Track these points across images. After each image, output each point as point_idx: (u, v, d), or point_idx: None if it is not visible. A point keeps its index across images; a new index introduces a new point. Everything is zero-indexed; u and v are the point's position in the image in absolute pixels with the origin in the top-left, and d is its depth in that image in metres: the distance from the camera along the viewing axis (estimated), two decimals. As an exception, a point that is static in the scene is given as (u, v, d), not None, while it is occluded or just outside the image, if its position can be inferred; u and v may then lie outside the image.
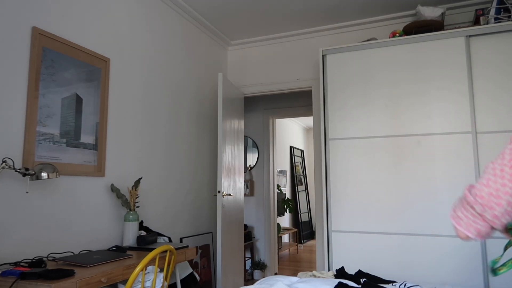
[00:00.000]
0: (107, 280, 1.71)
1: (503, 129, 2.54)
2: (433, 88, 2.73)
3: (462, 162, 2.60)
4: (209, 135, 3.84)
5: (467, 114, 2.63)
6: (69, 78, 2.22)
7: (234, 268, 3.49)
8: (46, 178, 1.85)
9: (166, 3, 3.16)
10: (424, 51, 2.79)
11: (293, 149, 8.02)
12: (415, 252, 2.64)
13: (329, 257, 2.88)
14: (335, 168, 2.96)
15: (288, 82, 3.97)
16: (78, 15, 2.33)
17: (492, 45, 2.63)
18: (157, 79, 3.05)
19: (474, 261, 2.50)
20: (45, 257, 1.98)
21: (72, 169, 2.20)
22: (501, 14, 2.70)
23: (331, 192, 2.94)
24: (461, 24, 3.26)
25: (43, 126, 2.04)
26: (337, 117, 2.99)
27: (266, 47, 4.13)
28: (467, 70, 2.65)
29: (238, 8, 3.44)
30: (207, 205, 3.73)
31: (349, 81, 2.99)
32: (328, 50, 3.08)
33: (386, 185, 2.78)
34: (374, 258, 2.74)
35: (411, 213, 2.69)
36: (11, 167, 1.77)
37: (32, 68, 1.99)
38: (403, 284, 1.85)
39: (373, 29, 3.65)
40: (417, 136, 2.74)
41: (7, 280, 1.54)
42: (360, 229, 2.82)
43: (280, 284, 1.72)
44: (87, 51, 2.35)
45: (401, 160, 2.76)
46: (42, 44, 2.06)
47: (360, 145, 2.89)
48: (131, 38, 2.78)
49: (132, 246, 2.37)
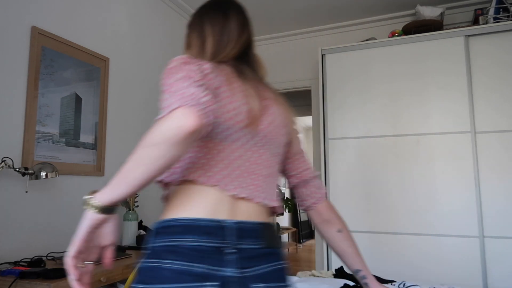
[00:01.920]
0: (106, 280, 1.71)
1: (503, 129, 2.54)
2: (432, 88, 2.74)
3: (461, 161, 2.60)
4: (208, 134, 3.83)
5: (466, 114, 2.63)
6: (68, 78, 2.21)
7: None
8: (45, 177, 1.85)
9: (165, 2, 3.16)
10: (423, 51, 2.79)
11: (292, 149, 8.01)
12: (414, 252, 2.65)
13: (328, 256, 2.88)
14: (334, 167, 2.96)
15: (287, 82, 3.97)
16: (78, 15, 2.33)
17: (491, 45, 2.63)
18: (157, 79, 3.05)
19: (473, 261, 2.50)
20: (45, 257, 1.98)
21: (72, 168, 2.20)
22: (500, 14, 2.71)
23: (330, 192, 2.94)
24: (460, 24, 3.26)
25: (42, 126, 2.04)
26: (336, 117, 2.99)
27: (265, 47, 4.13)
28: (466, 70, 2.66)
29: (238, 8, 3.44)
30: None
31: (348, 81, 2.99)
32: (327, 50, 3.08)
33: (385, 184, 2.78)
34: (373, 258, 2.75)
35: (410, 212, 2.69)
36: (10, 167, 1.77)
37: (31, 67, 1.99)
38: (402, 284, 1.86)
39: (372, 28, 3.65)
40: (416, 136, 2.74)
41: (6, 279, 1.54)
42: (359, 228, 2.82)
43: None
44: (87, 50, 2.35)
45: (400, 159, 2.77)
46: (41, 44, 2.06)
47: (359, 144, 2.90)
48: (131, 38, 2.78)
49: (131, 245, 2.37)
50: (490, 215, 2.51)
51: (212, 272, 0.73)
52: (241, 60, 0.97)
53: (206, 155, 0.83)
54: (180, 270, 0.72)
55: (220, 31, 0.95)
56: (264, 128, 0.90)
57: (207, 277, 0.72)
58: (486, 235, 2.50)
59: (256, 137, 0.88)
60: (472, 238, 2.52)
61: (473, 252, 2.51)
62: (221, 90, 0.85)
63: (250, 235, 0.81)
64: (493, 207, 2.51)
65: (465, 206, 2.56)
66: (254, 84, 0.93)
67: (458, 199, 2.58)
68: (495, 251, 2.47)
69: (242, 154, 0.86)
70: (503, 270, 2.44)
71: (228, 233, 0.78)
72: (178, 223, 0.77)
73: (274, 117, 0.93)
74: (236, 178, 0.84)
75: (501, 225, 2.47)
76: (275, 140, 0.93)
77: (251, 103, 0.88)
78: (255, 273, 0.78)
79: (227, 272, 0.74)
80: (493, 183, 2.52)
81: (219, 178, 0.82)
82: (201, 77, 0.80)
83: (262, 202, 0.86)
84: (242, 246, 0.79)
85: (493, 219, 2.50)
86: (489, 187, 2.53)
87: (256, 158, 0.88)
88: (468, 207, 2.55)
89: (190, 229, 0.76)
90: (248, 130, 0.86)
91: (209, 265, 0.73)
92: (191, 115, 0.68)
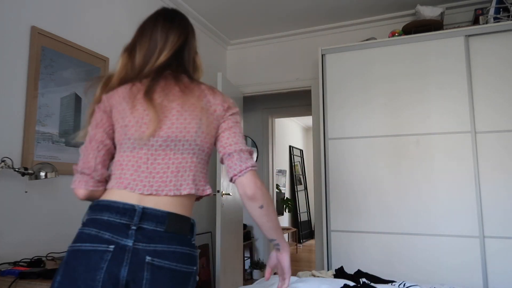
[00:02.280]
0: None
1: (503, 129, 2.54)
2: (432, 88, 2.74)
3: (461, 161, 2.60)
4: (208, 134, 3.83)
5: (466, 114, 2.63)
6: (68, 78, 2.21)
7: (233, 268, 3.49)
8: (45, 177, 1.84)
9: (165, 2, 3.16)
10: (423, 50, 2.79)
11: (293, 149, 8.02)
12: (414, 252, 2.64)
13: (328, 256, 2.88)
14: (334, 167, 2.96)
15: (287, 82, 3.97)
16: (77, 15, 2.33)
17: (491, 45, 2.63)
18: (156, 79, 3.04)
19: (473, 261, 2.50)
20: (44, 257, 1.98)
21: (71, 168, 2.19)
22: (501, 13, 2.70)
23: (330, 192, 2.94)
24: (460, 24, 3.26)
25: (42, 126, 2.04)
26: (336, 117, 2.99)
27: (265, 47, 4.13)
28: (466, 70, 2.66)
29: (237, 8, 3.44)
30: (206, 205, 3.73)
31: (348, 81, 2.99)
32: (327, 50, 3.08)
33: (385, 184, 2.78)
34: (373, 258, 2.75)
35: (410, 212, 2.69)
36: (10, 167, 1.76)
37: (31, 67, 1.99)
38: (402, 284, 1.86)
39: (372, 28, 3.65)
40: (416, 136, 2.74)
41: (6, 279, 1.54)
42: (359, 228, 2.82)
43: (279, 284, 1.71)
44: (86, 50, 2.34)
45: (400, 159, 2.76)
46: (41, 43, 2.05)
47: (359, 144, 2.90)
48: (131, 38, 2.77)
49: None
50: (490, 215, 2.50)
51: (116, 240, 0.98)
52: (169, 67, 1.16)
53: (120, 166, 1.09)
54: (93, 234, 0.99)
55: (147, 44, 1.21)
56: (164, 132, 1.07)
57: (111, 242, 0.97)
58: (486, 235, 2.50)
59: (159, 141, 1.07)
60: (472, 238, 2.52)
61: (473, 252, 2.51)
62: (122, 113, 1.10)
63: (151, 219, 1.01)
64: (493, 207, 2.50)
65: (465, 206, 2.56)
66: (164, 93, 1.10)
67: (458, 199, 2.58)
68: (495, 251, 2.47)
69: (148, 158, 1.07)
70: (503, 270, 2.44)
71: (135, 215, 1.01)
72: (101, 203, 1.05)
73: (175, 118, 1.09)
74: (145, 178, 1.06)
75: (501, 225, 2.47)
76: (181, 137, 1.09)
77: (148, 116, 1.07)
78: (151, 249, 0.98)
79: (127, 242, 0.98)
80: (493, 183, 2.52)
81: (128, 182, 1.05)
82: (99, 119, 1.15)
83: (170, 193, 1.05)
84: (143, 226, 1.00)
85: (493, 219, 2.50)
86: (489, 187, 2.52)
87: (162, 158, 1.07)
88: (468, 207, 2.55)
89: (108, 208, 1.02)
90: (148, 138, 1.07)
91: (114, 235, 0.98)
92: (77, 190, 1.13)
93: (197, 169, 1.12)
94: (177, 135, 1.09)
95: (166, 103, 1.09)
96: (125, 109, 1.10)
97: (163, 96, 1.10)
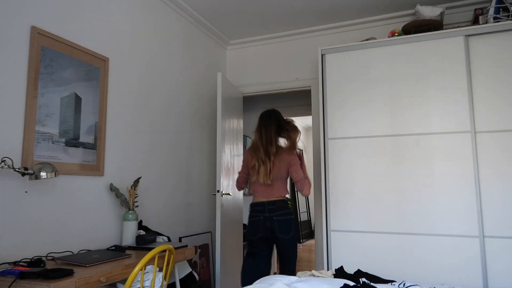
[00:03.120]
0: (106, 280, 1.71)
1: (502, 129, 2.54)
2: (432, 88, 2.74)
3: (461, 161, 2.60)
4: (208, 134, 3.84)
5: (466, 114, 2.63)
6: (68, 78, 2.21)
7: (233, 268, 3.49)
8: (45, 177, 1.84)
9: (165, 2, 3.16)
10: (423, 50, 2.79)
11: (292, 149, 8.00)
12: (414, 252, 2.65)
13: (328, 256, 2.88)
14: (334, 167, 2.96)
15: (287, 82, 3.97)
16: (77, 15, 2.33)
17: (491, 45, 2.63)
18: (156, 79, 3.05)
19: (473, 260, 2.50)
20: (44, 257, 1.98)
21: (71, 168, 2.20)
22: (500, 13, 2.71)
23: (330, 192, 2.94)
24: (460, 24, 3.26)
25: (42, 126, 2.04)
26: (336, 117, 2.99)
27: (265, 47, 4.13)
28: (466, 70, 2.66)
29: (237, 8, 3.44)
30: (206, 205, 3.73)
31: (348, 81, 2.99)
32: (327, 50, 3.08)
33: (385, 184, 2.78)
34: (373, 258, 2.75)
35: (410, 212, 2.69)
36: (10, 167, 1.76)
37: (31, 67, 1.99)
38: (402, 284, 1.86)
39: (372, 28, 3.65)
40: (416, 136, 2.74)
41: (6, 279, 1.54)
42: (359, 228, 2.82)
43: (279, 284, 1.72)
44: (86, 50, 2.35)
45: (400, 159, 2.77)
46: (41, 43, 2.05)
47: (359, 144, 2.90)
48: (130, 38, 2.78)
49: (131, 245, 2.37)
50: (490, 215, 2.51)
51: (261, 215, 2.70)
52: (277, 134, 2.86)
53: (254, 187, 2.78)
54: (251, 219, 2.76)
55: (258, 132, 2.86)
56: (272, 171, 2.72)
57: (261, 216, 2.71)
58: (486, 235, 2.50)
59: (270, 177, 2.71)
60: (472, 238, 2.52)
61: (473, 252, 2.51)
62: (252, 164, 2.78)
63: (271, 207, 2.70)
64: (493, 207, 2.51)
65: (465, 206, 2.56)
66: (271, 151, 2.77)
67: (458, 198, 2.58)
68: (495, 251, 2.47)
69: (261, 183, 2.75)
70: (503, 270, 2.44)
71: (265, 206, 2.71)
72: (252, 203, 2.78)
73: (275, 164, 2.74)
74: (262, 191, 2.75)
75: (501, 225, 2.48)
76: (277, 173, 2.73)
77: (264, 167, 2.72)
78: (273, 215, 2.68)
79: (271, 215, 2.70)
80: (493, 183, 2.52)
81: (257, 193, 2.76)
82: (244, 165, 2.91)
83: (273, 196, 2.72)
84: (270, 207, 2.70)
85: (493, 219, 2.50)
86: (489, 187, 2.53)
87: (269, 184, 2.74)
88: (468, 207, 2.55)
89: (252, 207, 2.77)
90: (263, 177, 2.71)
91: (260, 214, 2.70)
92: None
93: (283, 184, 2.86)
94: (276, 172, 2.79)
95: None
96: None
97: None
